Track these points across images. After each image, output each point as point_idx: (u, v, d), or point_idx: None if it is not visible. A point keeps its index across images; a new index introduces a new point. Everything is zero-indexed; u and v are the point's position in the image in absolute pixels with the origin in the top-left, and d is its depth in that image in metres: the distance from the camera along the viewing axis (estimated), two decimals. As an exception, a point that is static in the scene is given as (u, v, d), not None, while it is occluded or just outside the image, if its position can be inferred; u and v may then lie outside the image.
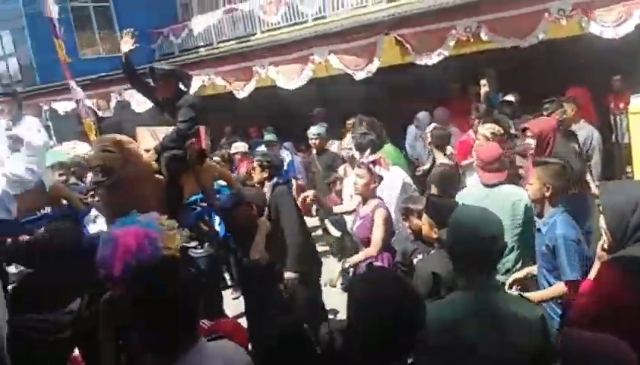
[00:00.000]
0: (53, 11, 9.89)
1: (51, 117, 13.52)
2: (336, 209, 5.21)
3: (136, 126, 5.12)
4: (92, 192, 5.09)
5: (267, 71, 8.68)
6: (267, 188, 5.00)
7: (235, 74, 9.34)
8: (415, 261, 3.58)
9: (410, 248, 3.76)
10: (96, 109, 12.04)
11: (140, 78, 5.27)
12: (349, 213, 4.98)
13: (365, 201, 4.48)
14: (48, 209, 5.23)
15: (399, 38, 7.25)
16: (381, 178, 4.53)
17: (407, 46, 7.21)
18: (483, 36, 6.66)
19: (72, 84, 10.19)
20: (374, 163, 4.48)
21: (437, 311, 2.03)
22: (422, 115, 8.01)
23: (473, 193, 4.26)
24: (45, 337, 1.73)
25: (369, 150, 5.54)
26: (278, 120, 10.84)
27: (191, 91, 10.63)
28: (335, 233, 6.98)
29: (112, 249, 2.17)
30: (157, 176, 4.74)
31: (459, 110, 7.83)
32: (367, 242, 4.34)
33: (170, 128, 4.80)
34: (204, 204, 5.25)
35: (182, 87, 5.03)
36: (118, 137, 4.47)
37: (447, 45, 6.88)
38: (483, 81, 7.59)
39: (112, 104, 11.93)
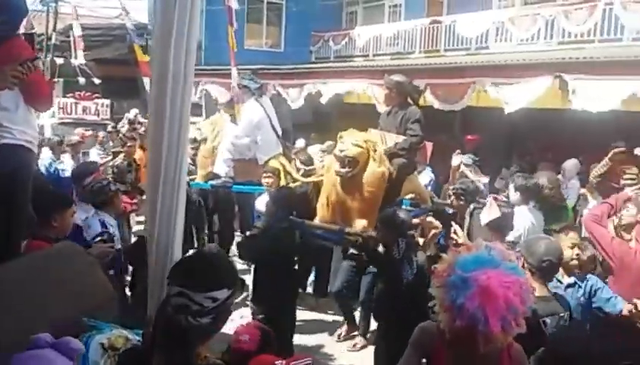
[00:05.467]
0: (233, 1, 10.54)
1: (205, 97, 14.46)
2: None
3: (368, 128, 5.31)
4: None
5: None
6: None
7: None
8: None
9: None
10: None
11: None
12: None
13: None
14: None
15: (570, 82, 6.84)
16: None
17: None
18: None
19: (234, 71, 10.80)
20: None
21: None
22: (569, 163, 7.38)
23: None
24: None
25: None
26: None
27: (338, 95, 11.14)
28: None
29: (482, 298, 1.94)
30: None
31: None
32: None
33: (398, 137, 5.04)
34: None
35: (409, 100, 5.25)
36: (368, 136, 4.89)
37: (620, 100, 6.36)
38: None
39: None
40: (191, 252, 2.11)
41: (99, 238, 3.52)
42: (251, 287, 4.84)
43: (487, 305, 1.93)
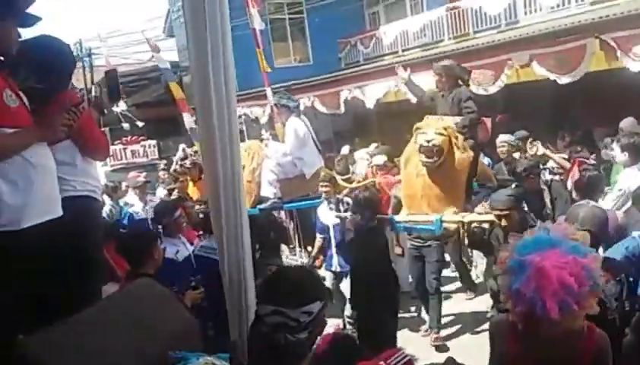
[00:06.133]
0: (258, 23, 10.69)
1: (245, 121, 14.66)
2: None
3: (426, 115, 5.37)
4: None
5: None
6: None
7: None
8: None
9: None
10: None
11: None
12: None
13: None
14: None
15: (610, 42, 6.57)
16: None
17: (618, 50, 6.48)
18: None
19: (269, 91, 10.93)
20: None
21: None
22: (630, 120, 7.06)
23: None
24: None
25: None
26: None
27: (378, 97, 11.07)
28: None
29: (537, 281, 1.89)
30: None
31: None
32: None
33: (456, 118, 5.10)
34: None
35: (459, 82, 5.33)
36: (447, 123, 4.94)
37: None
38: None
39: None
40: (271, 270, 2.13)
41: (191, 284, 3.72)
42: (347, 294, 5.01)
43: (542, 287, 1.88)
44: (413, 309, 6.17)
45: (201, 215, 5.67)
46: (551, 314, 1.87)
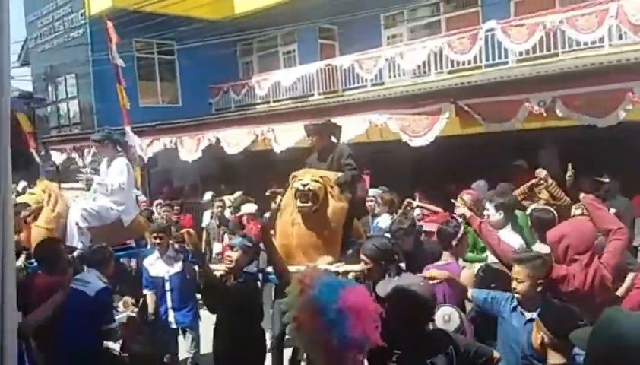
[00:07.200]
0: (118, 59, 10.11)
1: (99, 160, 13.67)
2: None
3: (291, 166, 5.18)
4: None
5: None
6: None
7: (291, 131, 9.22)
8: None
9: None
10: (144, 156, 11.99)
11: None
12: None
13: None
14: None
15: (467, 107, 6.95)
16: None
17: (476, 115, 6.88)
18: (558, 111, 6.28)
19: (128, 129, 10.27)
20: None
21: None
22: (481, 183, 7.48)
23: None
24: None
25: None
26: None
27: (245, 144, 10.84)
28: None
29: (361, 321, 1.91)
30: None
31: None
32: None
33: (338, 173, 4.99)
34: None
35: (333, 139, 5.29)
36: (323, 173, 4.87)
37: (518, 117, 6.53)
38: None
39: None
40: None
41: None
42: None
43: (366, 324, 1.94)
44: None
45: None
46: (375, 343, 1.95)
